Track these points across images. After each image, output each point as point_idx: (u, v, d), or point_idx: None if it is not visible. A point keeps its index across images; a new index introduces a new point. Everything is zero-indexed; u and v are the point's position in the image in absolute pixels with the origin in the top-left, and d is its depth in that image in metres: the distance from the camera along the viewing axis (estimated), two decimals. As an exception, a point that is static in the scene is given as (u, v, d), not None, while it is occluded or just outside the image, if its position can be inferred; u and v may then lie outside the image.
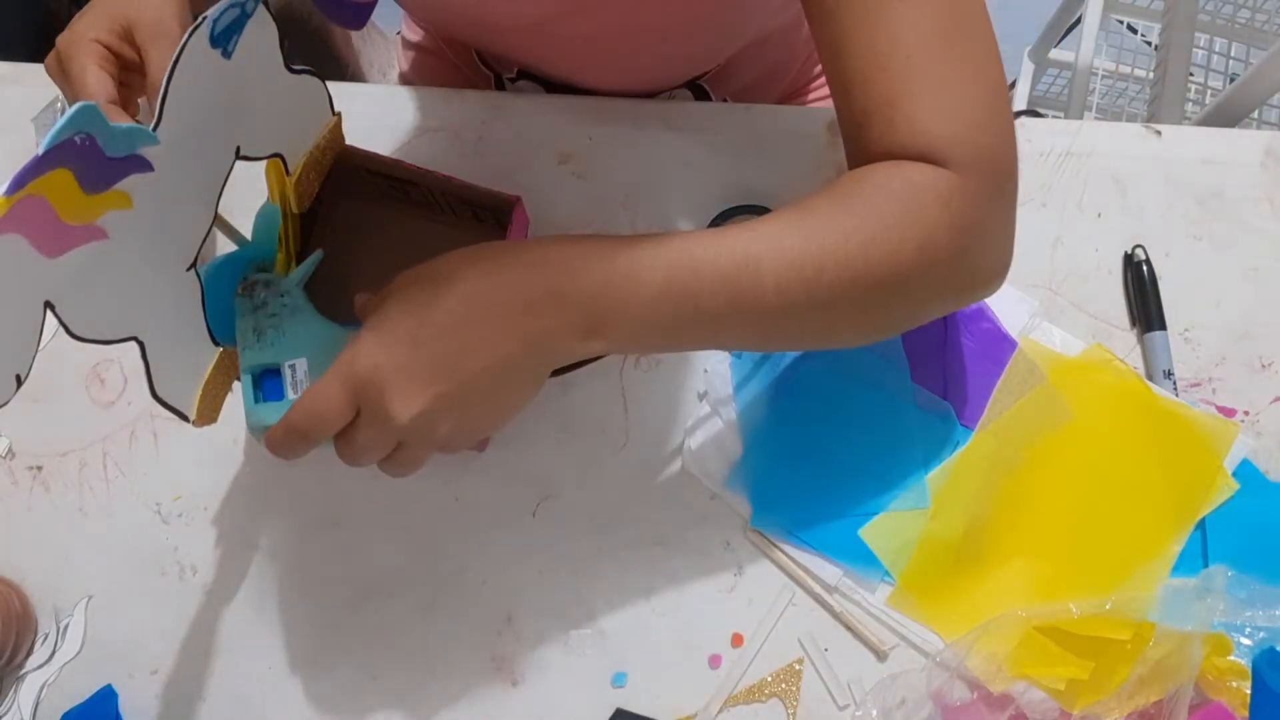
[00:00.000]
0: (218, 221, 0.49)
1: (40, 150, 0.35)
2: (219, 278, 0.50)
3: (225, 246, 0.54)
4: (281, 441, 0.46)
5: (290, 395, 0.49)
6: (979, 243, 0.49)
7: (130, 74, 0.52)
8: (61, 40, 0.51)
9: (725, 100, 0.78)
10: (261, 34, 0.46)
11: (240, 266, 0.53)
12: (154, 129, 0.40)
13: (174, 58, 0.40)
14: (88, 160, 0.37)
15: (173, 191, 0.43)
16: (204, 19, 0.41)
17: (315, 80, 0.52)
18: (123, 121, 0.39)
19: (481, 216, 0.61)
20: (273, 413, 0.48)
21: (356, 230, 0.62)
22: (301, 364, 0.49)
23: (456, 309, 0.45)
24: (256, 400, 0.49)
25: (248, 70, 0.45)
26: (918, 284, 0.48)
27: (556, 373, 0.48)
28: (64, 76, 0.51)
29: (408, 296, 0.45)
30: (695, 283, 0.46)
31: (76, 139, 0.36)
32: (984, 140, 0.48)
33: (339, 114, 0.55)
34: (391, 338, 0.44)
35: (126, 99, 0.52)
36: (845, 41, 0.48)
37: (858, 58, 0.48)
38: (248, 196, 0.54)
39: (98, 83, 0.49)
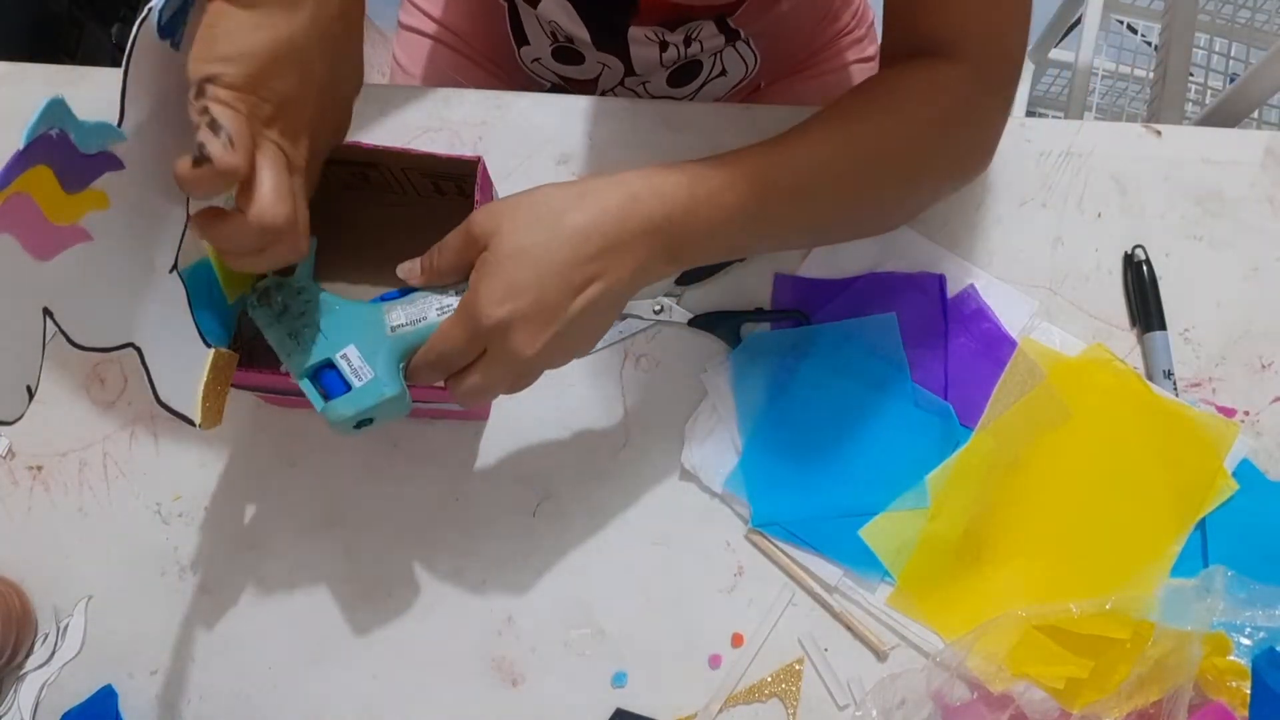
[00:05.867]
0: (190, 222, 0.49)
1: (20, 146, 0.36)
2: (199, 280, 0.50)
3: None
4: (418, 380, 0.51)
5: (355, 383, 0.49)
6: (982, 136, 0.58)
7: None
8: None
9: (749, 43, 0.77)
10: None
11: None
12: (119, 125, 0.41)
13: (126, 52, 0.40)
14: (64, 156, 0.38)
15: (145, 190, 0.44)
16: (149, 9, 0.41)
17: None
18: None
19: (443, 188, 0.61)
20: (346, 405, 0.49)
21: (325, 226, 0.61)
22: (352, 351, 0.50)
23: (569, 247, 0.47)
24: (325, 401, 0.49)
25: None
26: (932, 171, 0.57)
27: None
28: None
29: (518, 240, 0.47)
30: (764, 202, 0.51)
31: (52, 133, 0.37)
32: (1008, 46, 0.55)
33: None
34: (513, 287, 0.47)
35: None
36: None
37: None
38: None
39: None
